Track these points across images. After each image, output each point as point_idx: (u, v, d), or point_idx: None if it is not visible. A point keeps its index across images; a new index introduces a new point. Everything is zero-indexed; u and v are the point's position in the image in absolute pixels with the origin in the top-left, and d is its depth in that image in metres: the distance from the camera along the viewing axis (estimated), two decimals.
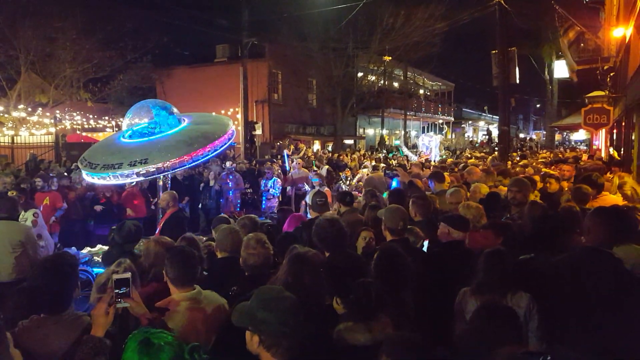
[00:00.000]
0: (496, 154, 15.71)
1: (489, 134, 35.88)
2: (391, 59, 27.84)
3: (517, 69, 13.74)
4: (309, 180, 11.97)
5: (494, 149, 24.27)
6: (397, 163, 16.23)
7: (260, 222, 4.80)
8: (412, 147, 24.12)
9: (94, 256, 7.04)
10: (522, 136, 50.63)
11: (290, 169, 13.41)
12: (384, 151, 24.47)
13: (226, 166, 12.14)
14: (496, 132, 34.94)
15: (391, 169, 10.26)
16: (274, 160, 16.45)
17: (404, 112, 33.00)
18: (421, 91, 41.73)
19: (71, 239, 8.88)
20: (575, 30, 15.78)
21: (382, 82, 31.38)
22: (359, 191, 9.85)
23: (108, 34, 21.43)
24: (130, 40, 22.22)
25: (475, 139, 45.71)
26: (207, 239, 5.00)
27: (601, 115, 13.02)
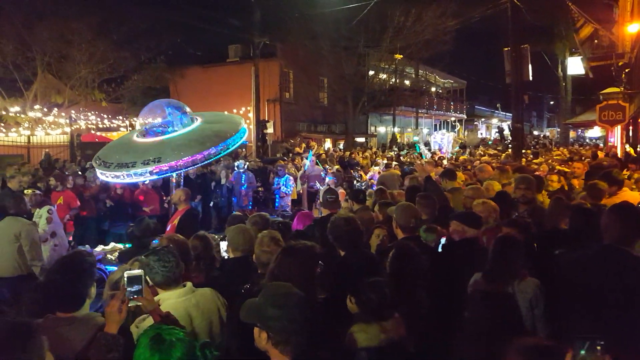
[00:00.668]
0: (510, 151, 15.57)
1: (501, 131, 35.49)
2: (402, 57, 27.69)
3: (530, 66, 13.59)
4: (321, 178, 11.97)
5: (507, 146, 24.04)
6: (409, 161, 16.18)
7: (271, 220, 4.82)
8: (425, 144, 23.96)
9: (108, 254, 7.13)
10: (535, 133, 50.05)
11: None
12: (395, 149, 24.38)
13: (238, 164, 12.22)
14: (508, 129, 34.62)
15: (408, 164, 10.22)
16: (285, 159, 16.48)
17: (416, 110, 32.81)
18: (433, 89, 41.45)
19: (85, 237, 9.00)
20: (589, 27, 15.57)
21: (393, 80, 31.23)
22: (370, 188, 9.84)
23: (122, 35, 21.68)
24: (144, 41, 22.48)
25: (488, 137, 45.31)
26: (220, 237, 5.03)
27: (617, 111, 12.84)
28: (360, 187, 11.41)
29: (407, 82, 35.87)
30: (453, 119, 43.53)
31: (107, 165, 5.57)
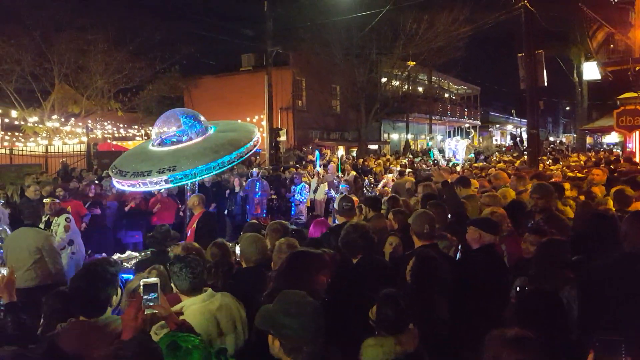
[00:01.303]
0: (525, 157, 15.40)
1: (514, 137, 35.09)
2: (415, 64, 27.65)
3: (545, 72, 13.46)
4: (335, 186, 11.96)
5: (522, 152, 23.79)
6: (424, 167, 16.09)
7: None
8: (439, 151, 23.82)
9: (123, 262, 7.19)
10: (551, 139, 49.46)
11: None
12: (409, 155, 24.26)
13: (253, 172, 12.26)
14: (523, 135, 34.24)
15: (424, 170, 10.16)
16: (297, 166, 16.50)
17: (429, 117, 32.68)
18: (446, 95, 41.26)
19: (101, 245, 9.07)
20: (604, 31, 15.38)
21: (406, 87, 31.18)
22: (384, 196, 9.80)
23: (138, 45, 22.04)
24: (159, 52, 22.84)
25: (503, 143, 44.88)
26: (234, 244, 5.05)
27: (635, 117, 12.66)
28: (373, 195, 11.36)
29: (420, 89, 35.78)
30: (467, 125, 43.24)
31: (123, 174, 5.63)
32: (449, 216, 4.81)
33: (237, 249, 4.58)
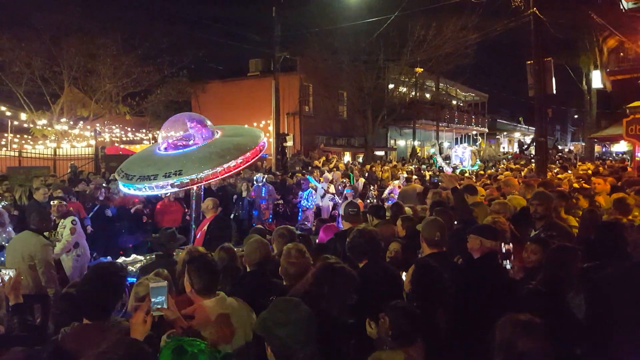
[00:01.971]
0: (532, 165, 15.32)
1: (521, 145, 34.88)
2: (423, 70, 27.63)
3: (553, 79, 13.40)
4: (339, 192, 11.94)
5: (529, 160, 23.66)
6: (430, 174, 16.03)
7: None
8: (445, 158, 23.71)
9: (128, 265, 7.20)
10: (559, 147, 49.21)
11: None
12: (417, 162, 24.19)
13: (257, 178, 12.27)
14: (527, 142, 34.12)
15: (433, 176, 10.12)
16: (304, 172, 16.49)
17: (437, 123, 32.62)
18: (454, 102, 41.18)
19: (107, 249, 9.09)
20: (614, 39, 15.31)
21: (413, 93, 31.16)
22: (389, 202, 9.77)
23: (146, 50, 22.19)
24: (167, 56, 23.02)
25: (510, 150, 44.68)
26: (240, 249, 5.05)
27: None
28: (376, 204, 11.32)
29: (427, 96, 35.73)
30: (475, 132, 43.13)
31: (129, 177, 5.65)
32: (455, 223, 4.78)
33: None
